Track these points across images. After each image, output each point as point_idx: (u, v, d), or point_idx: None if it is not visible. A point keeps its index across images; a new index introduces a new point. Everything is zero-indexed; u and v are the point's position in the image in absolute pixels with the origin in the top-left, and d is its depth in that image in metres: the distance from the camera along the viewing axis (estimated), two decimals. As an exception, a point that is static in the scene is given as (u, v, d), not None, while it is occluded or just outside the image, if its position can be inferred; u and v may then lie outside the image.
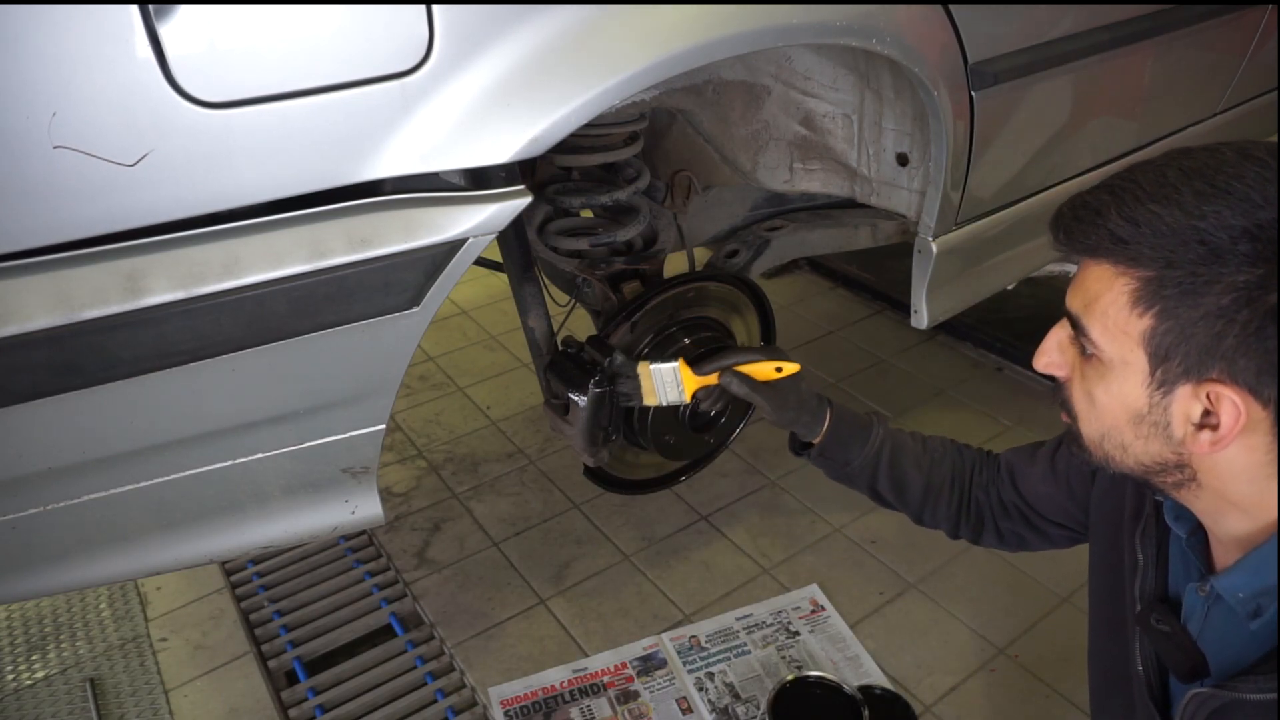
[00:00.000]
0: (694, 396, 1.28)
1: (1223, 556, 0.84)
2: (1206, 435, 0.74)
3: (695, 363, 1.29)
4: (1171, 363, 0.73)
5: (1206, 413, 0.73)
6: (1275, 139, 2.44)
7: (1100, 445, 0.83)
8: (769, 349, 1.30)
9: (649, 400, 1.26)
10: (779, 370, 1.26)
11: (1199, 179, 0.72)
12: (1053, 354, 0.85)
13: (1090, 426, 0.83)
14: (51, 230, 0.90)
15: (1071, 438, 0.87)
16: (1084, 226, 0.78)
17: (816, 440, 1.27)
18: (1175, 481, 0.80)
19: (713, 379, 1.28)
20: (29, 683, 1.75)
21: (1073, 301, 0.81)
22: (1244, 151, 0.75)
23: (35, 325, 0.90)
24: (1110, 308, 0.76)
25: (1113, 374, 0.78)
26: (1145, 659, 0.92)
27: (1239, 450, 0.74)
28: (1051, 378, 0.88)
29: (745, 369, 1.25)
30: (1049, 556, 1.93)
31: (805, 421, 1.27)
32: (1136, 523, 0.95)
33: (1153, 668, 0.91)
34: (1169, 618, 0.87)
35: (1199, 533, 0.87)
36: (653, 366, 1.26)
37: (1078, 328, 0.81)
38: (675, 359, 1.27)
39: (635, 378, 1.27)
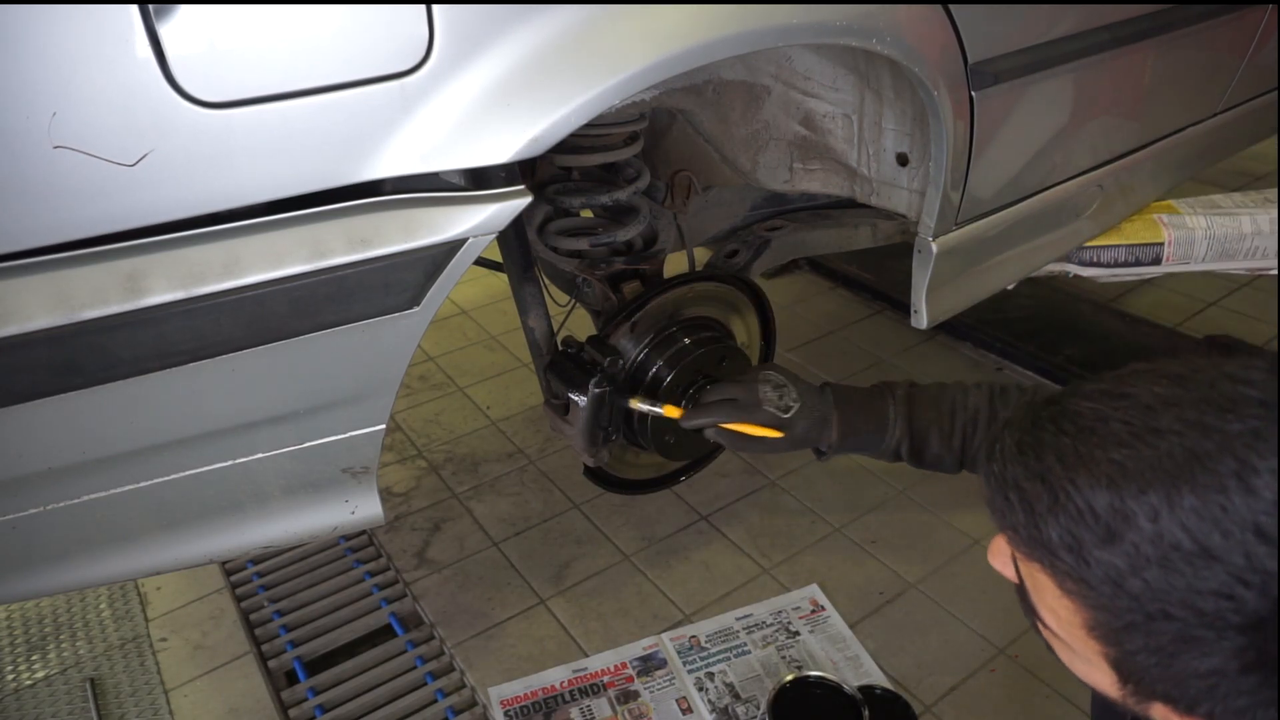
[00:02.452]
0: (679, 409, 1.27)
1: None
2: None
3: (690, 402, 1.27)
4: (1142, 690, 0.62)
5: None
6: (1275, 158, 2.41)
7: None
8: (750, 388, 1.23)
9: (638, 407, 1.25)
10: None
11: (1169, 516, 0.54)
12: (1006, 562, 0.73)
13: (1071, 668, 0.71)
14: (51, 230, 0.90)
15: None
16: (1013, 521, 0.63)
17: (826, 449, 1.23)
18: None
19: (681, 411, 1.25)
20: (29, 683, 1.75)
21: (1010, 550, 0.68)
22: (1241, 459, 0.54)
23: (35, 325, 0.90)
24: (1061, 614, 0.64)
25: (1077, 659, 0.67)
26: None
27: None
28: None
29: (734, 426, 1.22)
30: (1049, 556, 1.93)
31: (813, 439, 1.22)
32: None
33: None
34: None
35: None
36: (641, 405, 1.26)
37: (1023, 595, 0.69)
38: (662, 404, 1.25)
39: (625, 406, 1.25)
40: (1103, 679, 0.65)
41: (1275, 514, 0.52)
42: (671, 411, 1.25)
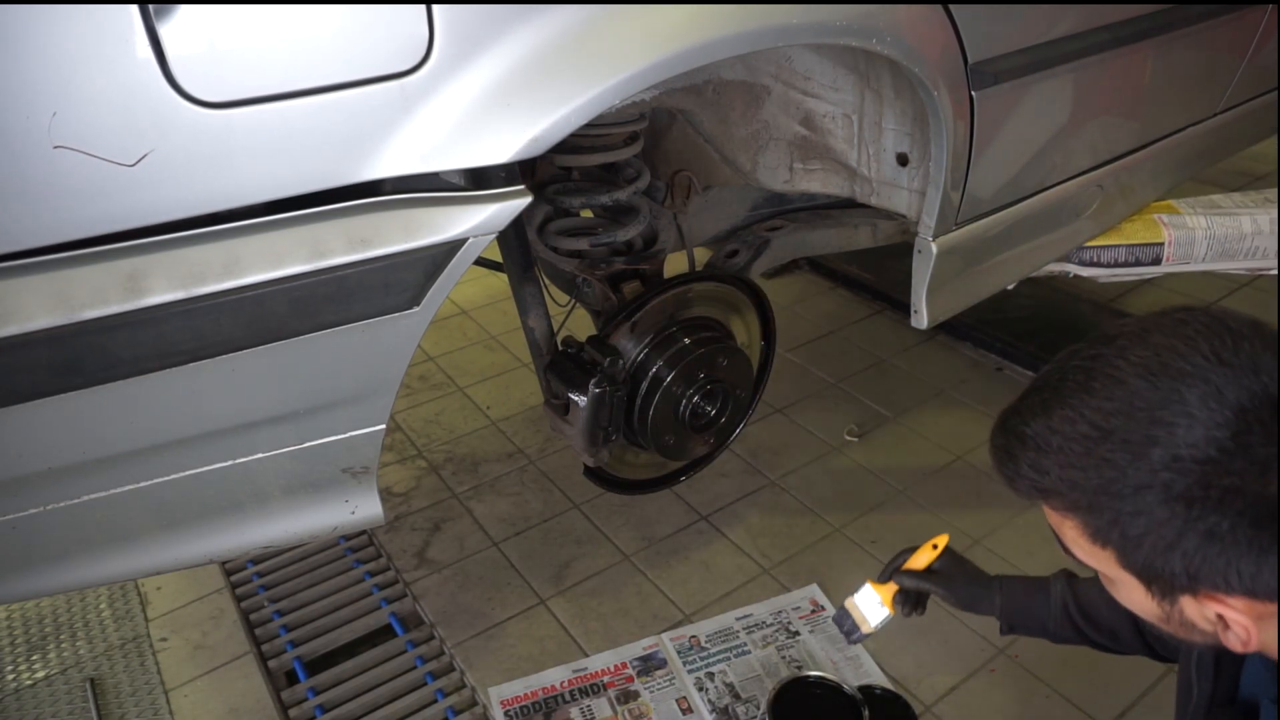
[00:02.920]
0: (894, 604, 1.32)
1: None
2: (1234, 636, 0.72)
3: (879, 578, 1.35)
4: (1158, 583, 0.72)
5: (1222, 616, 0.71)
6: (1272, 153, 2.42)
7: (1156, 630, 0.81)
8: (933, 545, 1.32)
9: (867, 629, 1.34)
10: (935, 547, 1.28)
11: (1081, 420, 0.70)
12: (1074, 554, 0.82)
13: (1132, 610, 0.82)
14: (51, 230, 0.90)
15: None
16: (1007, 471, 0.77)
17: (996, 613, 1.26)
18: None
19: (893, 586, 1.31)
20: (29, 683, 1.75)
21: (1052, 527, 0.81)
22: (1116, 374, 0.70)
23: (35, 325, 0.90)
24: (1076, 540, 0.76)
25: (1117, 585, 0.78)
26: None
27: (1274, 628, 0.71)
28: None
29: (910, 564, 1.29)
30: (1049, 558, 1.93)
31: (979, 594, 1.26)
32: None
33: None
34: None
35: None
36: (854, 600, 1.35)
37: (1061, 545, 0.80)
38: (863, 585, 1.35)
39: (848, 614, 1.35)
40: (1140, 596, 0.75)
41: (1151, 391, 0.67)
42: (874, 586, 1.34)
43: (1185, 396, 0.65)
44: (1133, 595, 0.76)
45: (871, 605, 1.33)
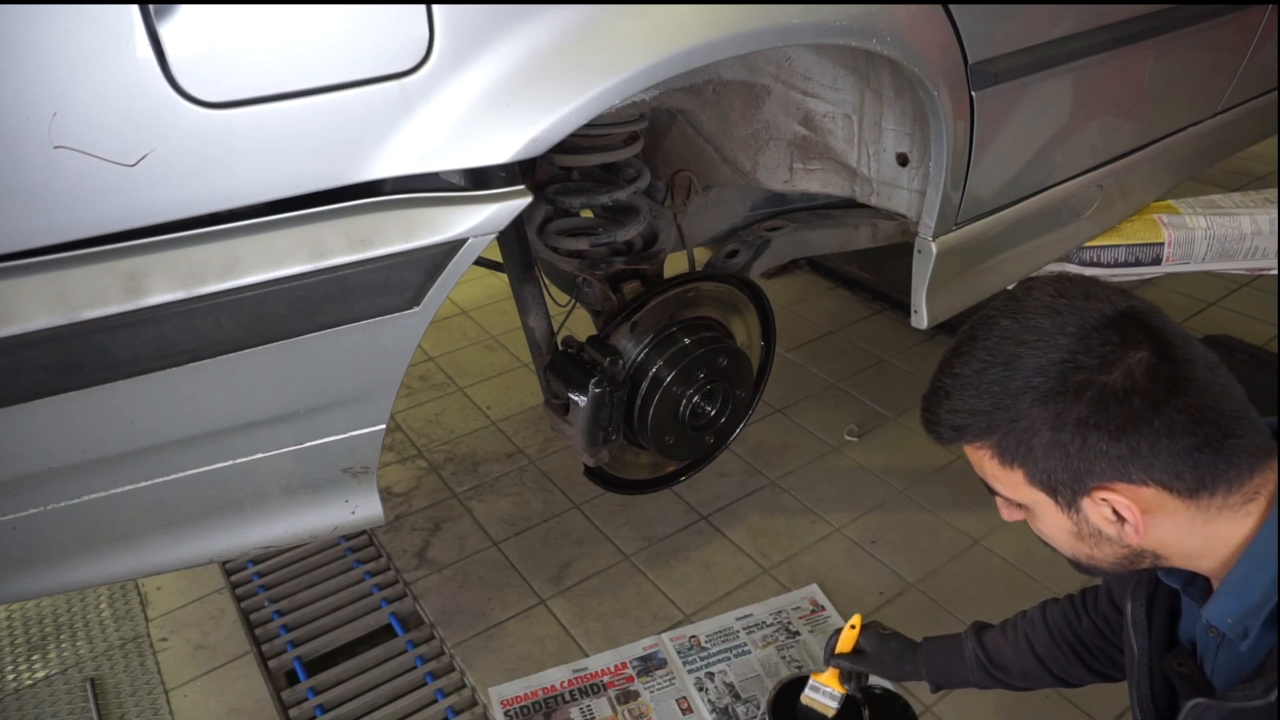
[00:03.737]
0: (842, 683, 1.42)
1: None
2: (1129, 528, 0.83)
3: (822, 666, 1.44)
4: (1061, 490, 0.84)
5: (1115, 510, 0.83)
6: (1275, 140, 2.42)
7: (1078, 561, 0.93)
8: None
9: (831, 713, 1.42)
10: (853, 627, 1.40)
11: (978, 360, 0.85)
12: (1005, 510, 0.95)
13: (1061, 550, 0.94)
14: (52, 230, 0.90)
15: (1074, 563, 0.96)
16: (933, 428, 0.90)
17: (923, 676, 1.37)
18: (1149, 563, 0.90)
19: (834, 670, 1.42)
20: (29, 683, 1.75)
21: (976, 472, 0.93)
22: (991, 324, 0.86)
23: (35, 325, 0.90)
24: (993, 471, 0.88)
25: (1036, 513, 0.90)
26: (1142, 703, 1.02)
27: (1164, 523, 0.82)
28: None
29: (839, 647, 1.41)
30: (1049, 558, 1.93)
31: (905, 667, 1.38)
32: (1132, 580, 1.03)
33: (1150, 712, 1.01)
34: (1188, 660, 0.95)
35: (1197, 580, 0.93)
36: (808, 694, 1.43)
37: (992, 492, 0.93)
38: (806, 680, 1.45)
39: (815, 710, 1.43)
40: (1055, 515, 0.87)
41: (1015, 325, 0.83)
42: (817, 677, 1.44)
43: (1040, 324, 0.82)
44: (1049, 518, 0.88)
45: (823, 694, 1.42)
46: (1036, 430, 0.82)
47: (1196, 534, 0.83)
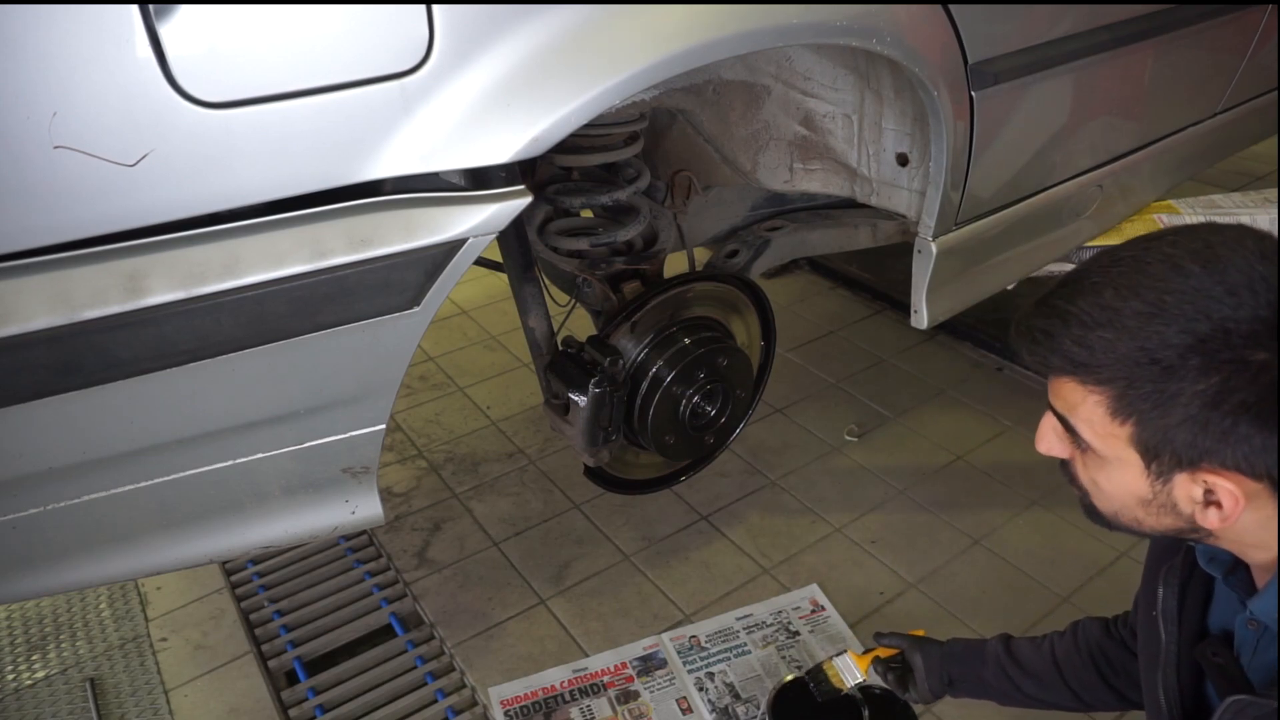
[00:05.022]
0: (869, 672, 1.44)
1: (1263, 583, 0.87)
2: (1214, 513, 0.78)
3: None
4: (1163, 458, 0.78)
5: (1208, 492, 0.78)
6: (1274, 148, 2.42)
7: (1116, 519, 0.88)
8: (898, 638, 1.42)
9: (840, 685, 1.45)
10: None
11: (1134, 298, 0.76)
12: (1050, 439, 0.89)
13: (1102, 504, 0.88)
14: (52, 230, 0.90)
15: (1086, 509, 0.91)
16: (1041, 350, 0.82)
17: (938, 678, 1.34)
18: (1195, 538, 0.86)
19: (867, 658, 1.43)
20: (29, 683, 1.75)
21: (1055, 403, 0.86)
22: (1170, 259, 0.77)
23: (35, 325, 0.90)
24: (1091, 416, 0.81)
25: (1110, 466, 0.83)
26: (1168, 690, 0.97)
27: (1250, 515, 0.78)
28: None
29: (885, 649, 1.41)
30: (1049, 558, 1.94)
31: (933, 669, 1.35)
32: (1165, 562, 1.00)
33: (1175, 701, 0.97)
34: (1223, 651, 0.91)
35: (1239, 569, 0.90)
36: (834, 659, 1.46)
37: (1067, 427, 0.85)
38: (807, 680, 1.49)
39: (824, 673, 1.46)
40: (1134, 476, 0.81)
41: (1204, 276, 0.74)
42: (853, 656, 1.46)
43: (1233, 280, 0.73)
44: (1125, 476, 0.82)
45: (847, 669, 1.44)
46: (1186, 400, 0.74)
47: (1266, 528, 0.80)
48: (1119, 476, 0.83)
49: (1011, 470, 2.18)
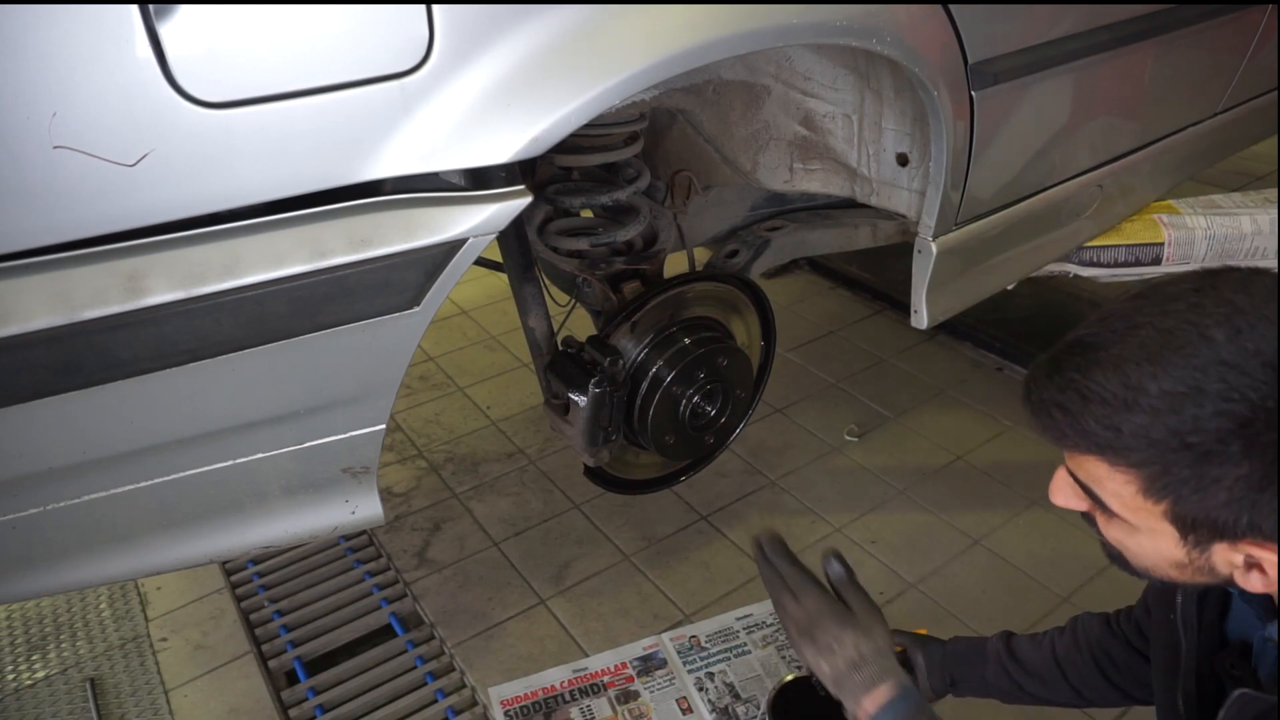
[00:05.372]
0: None
1: None
2: (1257, 577, 0.75)
3: None
4: (1200, 531, 0.74)
5: (1249, 558, 0.74)
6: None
7: (1146, 573, 0.84)
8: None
9: None
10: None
11: (1163, 375, 0.70)
12: (1067, 494, 0.85)
13: (1131, 559, 0.84)
14: (52, 230, 0.90)
15: (1112, 558, 0.88)
16: (1059, 428, 0.77)
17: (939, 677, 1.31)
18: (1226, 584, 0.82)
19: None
20: (29, 683, 1.75)
21: (1076, 472, 0.81)
22: (1196, 327, 0.71)
23: (35, 325, 0.90)
24: (1121, 491, 0.76)
25: (1141, 534, 0.79)
26: (1187, 697, 0.96)
27: None
28: None
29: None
30: (1049, 558, 1.93)
31: (935, 669, 1.31)
32: None
33: (1194, 707, 0.95)
34: (1240, 663, 0.89)
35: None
36: None
37: (1090, 495, 0.81)
38: (807, 680, 1.37)
39: None
40: (1168, 544, 0.77)
41: (1233, 347, 0.68)
42: None
43: (1264, 348, 0.68)
44: (1158, 543, 0.78)
45: None
46: (1230, 484, 0.70)
47: None
48: (1150, 543, 0.79)
49: (1011, 470, 2.18)
